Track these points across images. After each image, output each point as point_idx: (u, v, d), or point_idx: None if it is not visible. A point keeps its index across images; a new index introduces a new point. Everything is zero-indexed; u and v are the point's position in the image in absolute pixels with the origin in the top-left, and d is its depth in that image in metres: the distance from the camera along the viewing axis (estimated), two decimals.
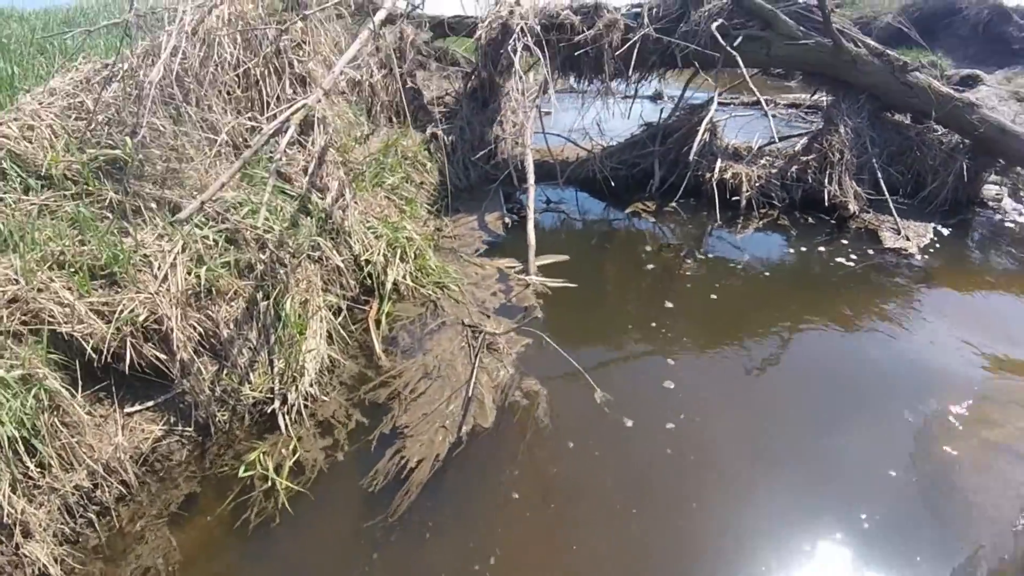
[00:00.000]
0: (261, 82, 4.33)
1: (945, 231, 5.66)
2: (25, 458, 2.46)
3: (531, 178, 4.94)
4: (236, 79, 4.25)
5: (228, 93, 4.20)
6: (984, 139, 5.91)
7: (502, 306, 4.01)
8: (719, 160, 5.79)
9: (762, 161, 6.11)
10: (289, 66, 4.43)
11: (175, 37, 3.70)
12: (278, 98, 4.29)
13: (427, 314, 3.85)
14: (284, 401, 3.17)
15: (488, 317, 3.80)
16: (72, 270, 2.87)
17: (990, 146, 6.02)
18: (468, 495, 2.77)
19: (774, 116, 8.31)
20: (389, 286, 3.93)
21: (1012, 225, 6.04)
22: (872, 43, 6.13)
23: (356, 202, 4.24)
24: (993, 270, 5.02)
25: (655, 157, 6.14)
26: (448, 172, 5.56)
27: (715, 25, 5.75)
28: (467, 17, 6.48)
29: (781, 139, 6.10)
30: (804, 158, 5.89)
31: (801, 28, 5.93)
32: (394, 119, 5.97)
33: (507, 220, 5.35)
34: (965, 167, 5.95)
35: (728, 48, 5.62)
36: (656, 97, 8.37)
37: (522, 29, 5.40)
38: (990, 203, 6.58)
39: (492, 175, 5.86)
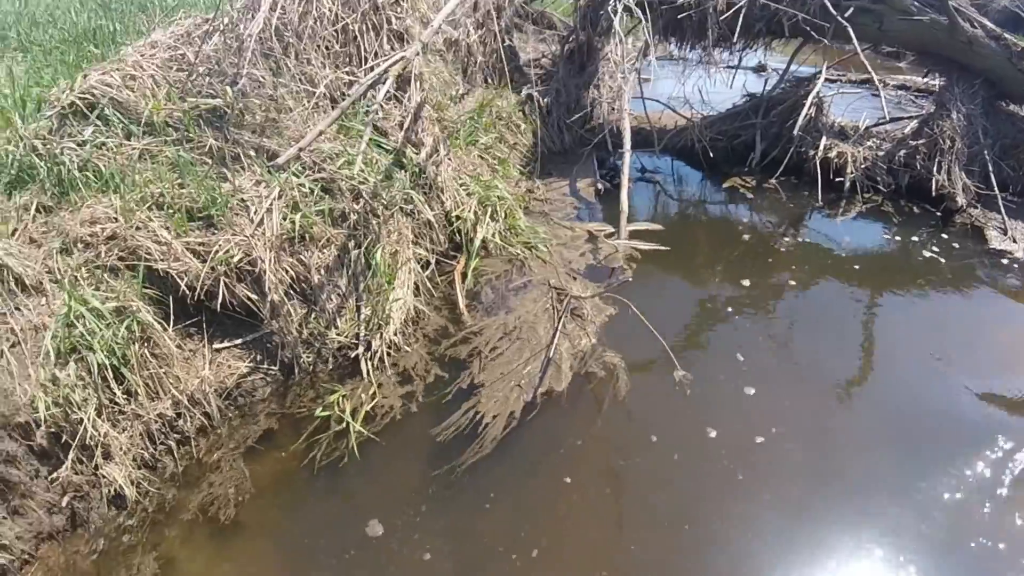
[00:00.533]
0: (359, 38, 4.37)
1: None
2: (113, 385, 2.58)
3: (628, 143, 4.85)
4: (335, 34, 4.29)
5: (327, 48, 4.24)
6: None
7: (589, 268, 3.99)
8: (824, 137, 5.53)
9: (869, 143, 5.78)
10: (387, 22, 4.45)
11: None
12: (376, 54, 4.32)
13: (513, 272, 3.85)
14: (368, 348, 3.24)
15: (575, 280, 3.77)
16: (171, 211, 2.99)
17: None
18: (533, 468, 2.77)
19: (885, 96, 7.92)
20: (478, 243, 3.94)
21: None
22: (990, 25, 5.72)
23: (450, 159, 4.26)
24: None
25: (757, 129, 5.90)
26: (542, 134, 5.51)
27: None
28: None
29: (891, 120, 5.79)
30: (913, 142, 5.54)
31: (915, 3, 5.59)
32: (490, 79, 5.97)
33: (600, 186, 5.26)
34: None
35: (839, 19, 5.31)
36: (759, 69, 7.94)
37: None
38: None
39: (587, 139, 5.76)
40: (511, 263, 3.94)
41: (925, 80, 7.35)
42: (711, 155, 5.82)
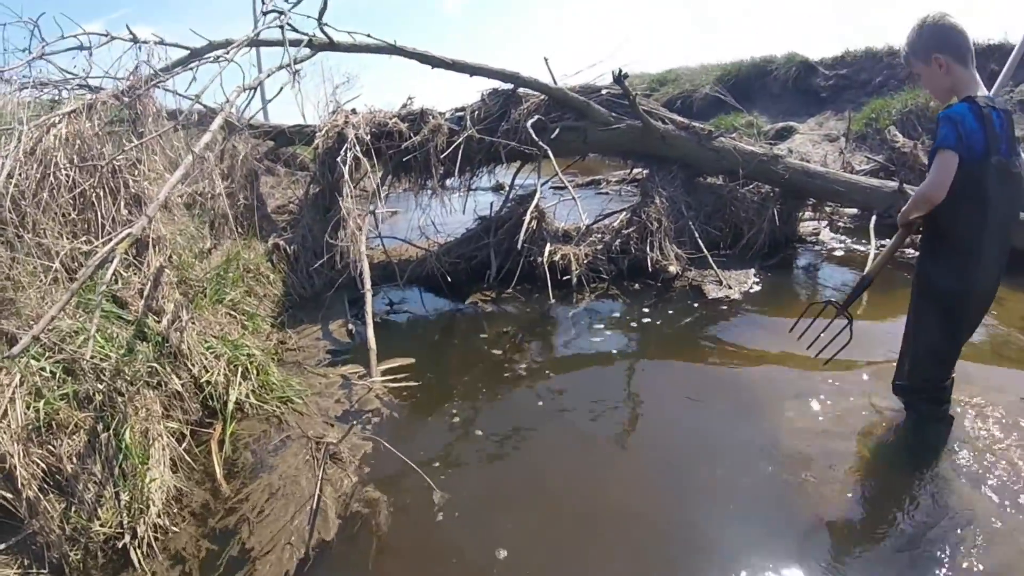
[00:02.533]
0: (96, 204, 4.35)
1: (768, 272, 6.45)
2: None
3: (367, 283, 5.08)
4: (72, 201, 4.25)
5: (63, 215, 4.19)
6: (792, 184, 6.68)
7: (345, 413, 4.09)
8: (548, 244, 6.15)
9: (591, 239, 6.56)
10: (124, 186, 4.47)
11: (11, 159, 3.69)
12: (113, 219, 4.32)
13: (272, 430, 3.90)
14: (134, 535, 3.15)
15: (332, 426, 3.90)
16: None
17: (799, 189, 6.83)
18: None
19: (606, 193, 9.11)
20: (231, 407, 3.95)
21: (831, 253, 7.14)
22: (679, 118, 6.86)
23: (195, 322, 4.26)
24: (808, 291, 6.08)
25: (491, 248, 6.43)
26: (292, 282, 5.69)
27: (531, 122, 6.27)
28: (307, 126, 6.79)
29: (607, 215, 6.74)
30: (626, 231, 6.42)
31: (613, 114, 6.57)
32: (239, 230, 6.07)
33: (351, 327, 5.42)
34: (777, 212, 6.72)
35: (538, 142, 6.09)
36: (498, 188, 8.71)
37: (355, 138, 5.67)
38: (809, 239, 7.48)
39: (336, 282, 5.91)
40: (268, 421, 3.99)
41: (633, 173, 8.60)
42: (450, 280, 6.22)
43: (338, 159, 5.67)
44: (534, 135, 6.12)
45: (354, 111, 6.49)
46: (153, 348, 3.81)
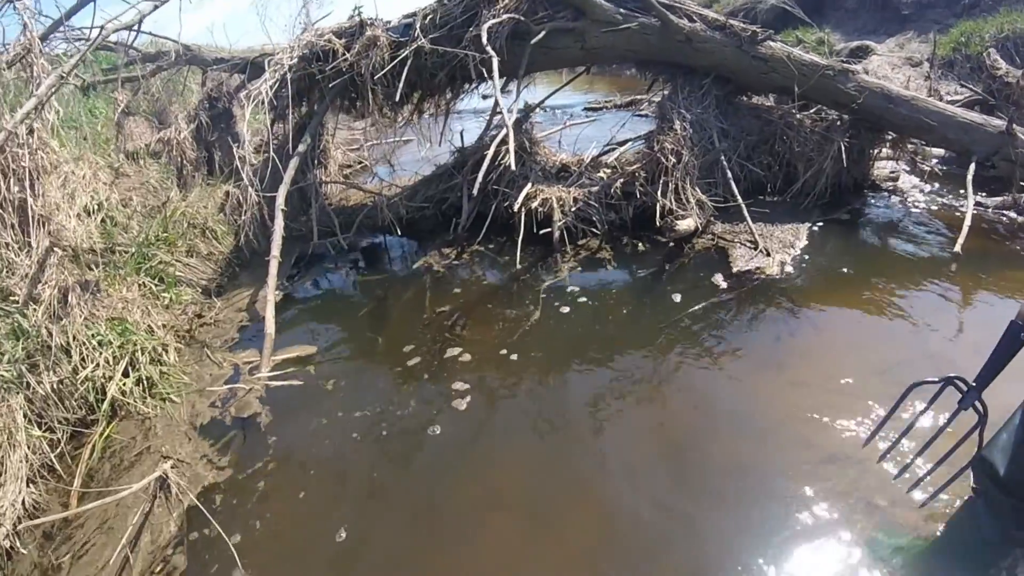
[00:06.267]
0: None
1: (826, 230, 4.98)
2: None
3: (275, 248, 4.35)
4: None
5: None
6: (867, 111, 5.21)
7: (212, 421, 3.51)
8: (529, 184, 4.93)
9: (595, 176, 5.26)
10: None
11: None
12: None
13: (139, 436, 3.45)
14: None
15: (189, 440, 3.39)
16: None
17: (875, 118, 5.29)
18: None
19: (644, 116, 7.58)
20: (104, 406, 3.52)
21: (913, 208, 5.38)
22: (712, 14, 5.40)
23: (88, 303, 3.85)
24: (880, 273, 4.23)
25: (464, 188, 5.32)
26: (247, 233, 5.02)
27: (488, 24, 4.96)
28: (271, 55, 5.74)
29: (618, 145, 5.47)
30: (631, 168, 5.07)
31: (621, 10, 5.17)
32: (206, 176, 5.68)
33: (277, 295, 4.44)
34: (844, 148, 5.27)
35: (486, 49, 4.74)
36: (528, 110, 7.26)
37: (290, 67, 4.89)
38: (885, 185, 5.93)
39: (297, 232, 5.33)
40: (143, 424, 3.54)
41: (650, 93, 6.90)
42: (399, 231, 5.32)
43: (254, 91, 4.91)
44: (485, 38, 4.77)
45: (308, 29, 5.57)
46: (30, 343, 3.55)
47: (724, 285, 4.26)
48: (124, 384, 3.65)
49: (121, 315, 3.97)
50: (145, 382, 3.74)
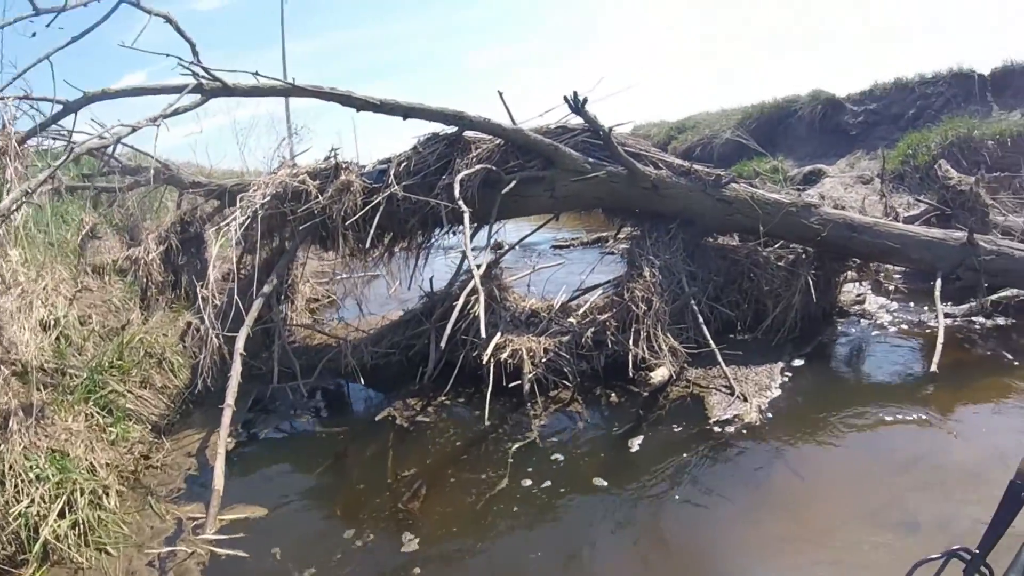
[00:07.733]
0: None
1: (799, 366, 4.90)
2: None
3: (230, 395, 4.09)
4: None
5: None
6: (831, 242, 5.28)
7: None
8: (498, 334, 4.68)
9: (564, 323, 5.08)
10: None
11: None
12: None
13: None
14: None
15: None
16: None
17: (840, 248, 5.38)
18: None
19: (612, 253, 7.63)
20: (36, 547, 3.17)
21: (883, 329, 5.44)
22: (677, 161, 5.52)
23: (27, 430, 3.55)
24: (859, 406, 4.17)
25: (431, 335, 5.06)
26: (205, 368, 4.58)
27: (461, 176, 5.01)
28: (246, 186, 5.61)
29: (587, 290, 5.41)
30: (601, 316, 4.94)
31: (590, 159, 5.23)
32: (174, 302, 5.46)
33: (229, 443, 4.17)
34: (811, 281, 5.31)
35: (456, 201, 4.76)
36: (497, 248, 6.83)
37: (261, 205, 4.81)
38: (853, 310, 5.98)
39: (258, 372, 5.08)
40: (76, 574, 3.19)
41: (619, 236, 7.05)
42: (362, 379, 5.12)
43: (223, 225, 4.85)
44: (457, 191, 4.77)
45: (284, 164, 5.62)
46: None
47: (696, 431, 4.17)
48: (59, 526, 3.29)
49: (63, 447, 3.67)
50: (82, 526, 3.38)
